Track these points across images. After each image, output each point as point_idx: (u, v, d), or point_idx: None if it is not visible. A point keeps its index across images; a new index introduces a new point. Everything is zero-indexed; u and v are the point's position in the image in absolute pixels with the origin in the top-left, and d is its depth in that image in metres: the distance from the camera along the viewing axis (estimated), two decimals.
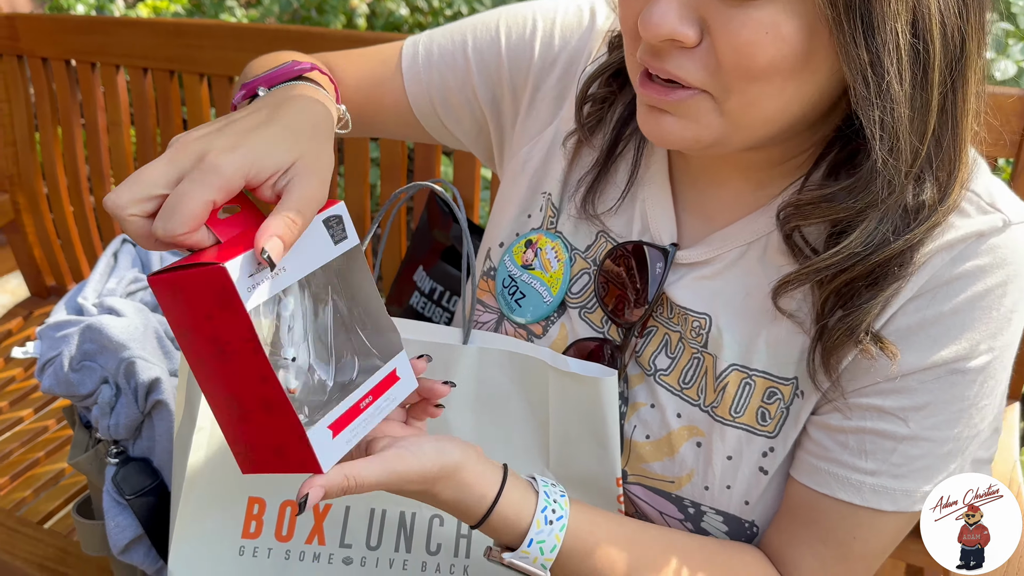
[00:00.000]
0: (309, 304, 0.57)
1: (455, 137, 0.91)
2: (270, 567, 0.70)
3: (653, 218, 0.74)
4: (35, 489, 1.34)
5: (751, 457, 0.70)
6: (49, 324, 1.03)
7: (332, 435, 0.55)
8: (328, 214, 0.56)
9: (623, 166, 0.77)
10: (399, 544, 0.71)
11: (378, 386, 0.59)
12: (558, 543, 0.64)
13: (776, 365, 0.69)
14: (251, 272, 0.50)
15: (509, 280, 0.80)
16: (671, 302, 0.73)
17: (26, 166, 1.66)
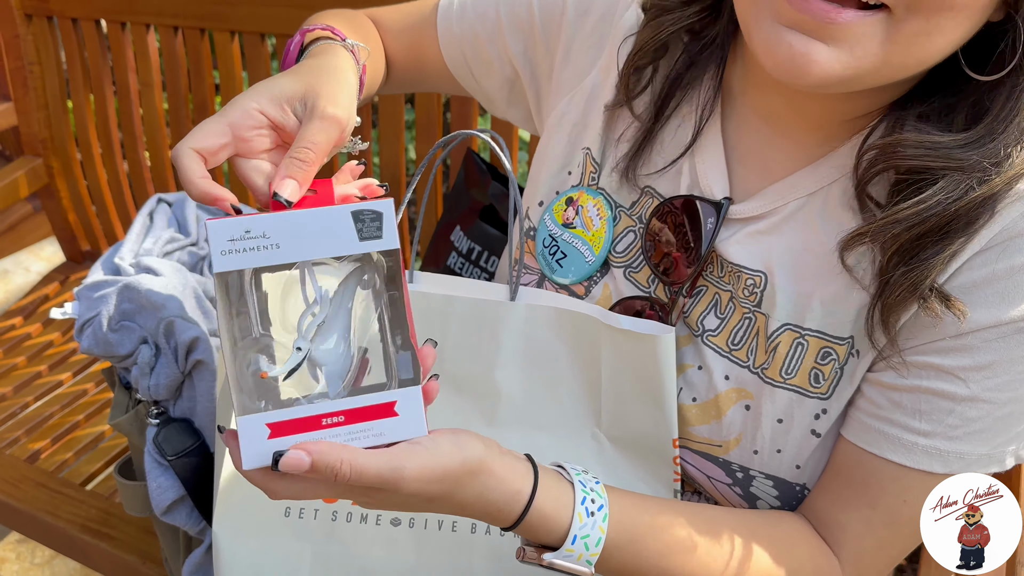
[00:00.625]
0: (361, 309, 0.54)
1: (487, 94, 0.89)
2: (317, 528, 0.68)
3: (704, 172, 0.71)
4: (76, 451, 1.35)
5: (803, 420, 0.67)
6: (87, 285, 1.02)
7: (268, 435, 0.50)
8: (363, 207, 0.52)
9: (672, 128, 0.74)
10: None
11: (358, 411, 0.52)
12: (603, 535, 0.60)
13: (831, 324, 0.66)
14: (232, 237, 0.49)
15: (550, 240, 0.77)
16: (723, 259, 0.70)
17: (59, 130, 1.65)
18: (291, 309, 0.52)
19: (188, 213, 1.10)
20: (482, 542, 0.69)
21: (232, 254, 0.48)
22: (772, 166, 0.69)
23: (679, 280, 0.70)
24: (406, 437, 0.52)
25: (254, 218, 0.50)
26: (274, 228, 0.49)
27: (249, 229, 0.49)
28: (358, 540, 0.68)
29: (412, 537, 0.69)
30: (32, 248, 2.46)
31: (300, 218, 0.50)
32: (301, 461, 0.49)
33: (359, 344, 0.53)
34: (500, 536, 0.69)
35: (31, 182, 1.67)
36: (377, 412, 0.52)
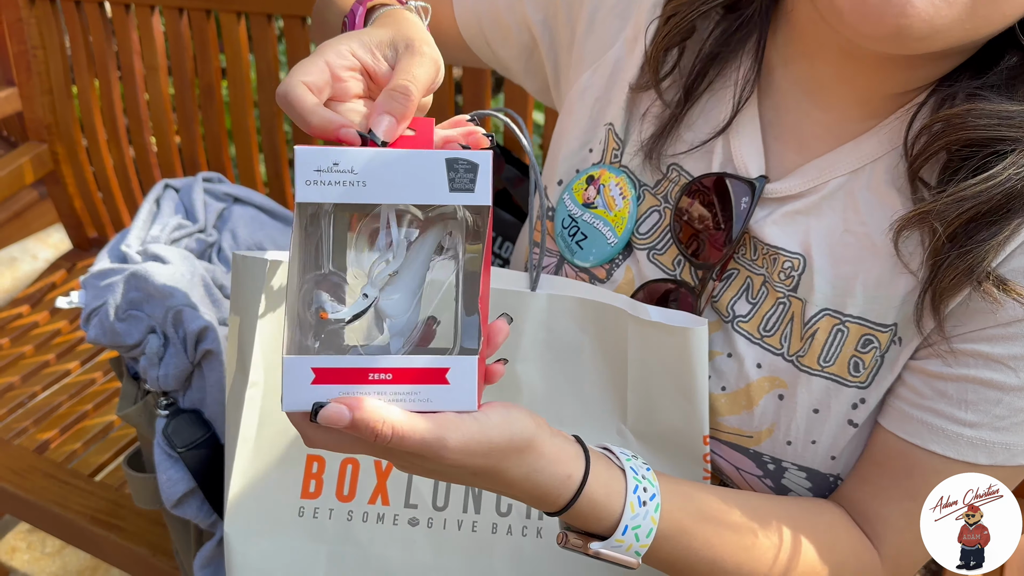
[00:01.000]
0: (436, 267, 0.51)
1: (503, 63, 0.85)
2: (332, 528, 0.66)
3: (738, 148, 0.67)
4: (85, 442, 1.33)
5: (839, 409, 0.64)
6: (93, 273, 0.99)
7: (312, 379, 0.48)
8: (459, 155, 0.48)
9: (701, 106, 0.70)
10: (467, 505, 0.67)
11: (407, 372, 0.48)
12: (654, 526, 0.57)
13: (874, 310, 0.63)
14: (319, 167, 0.46)
15: (569, 220, 0.74)
16: (757, 241, 0.66)
17: (63, 115, 1.62)
18: (366, 253, 0.50)
19: (195, 199, 1.08)
20: (503, 543, 0.66)
21: (316, 185, 0.46)
22: (810, 142, 0.66)
23: (710, 263, 0.67)
24: (454, 408, 0.49)
25: (345, 151, 0.47)
26: (363, 165, 0.47)
27: (338, 162, 0.46)
28: (375, 541, 0.66)
29: (430, 538, 0.66)
30: (39, 235, 2.44)
31: (391, 158, 0.47)
32: (341, 415, 0.46)
33: (428, 303, 0.51)
34: (522, 536, 0.67)
35: (36, 168, 1.64)
36: (427, 376, 0.49)
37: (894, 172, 0.62)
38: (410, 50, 0.54)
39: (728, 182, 0.66)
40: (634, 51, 0.73)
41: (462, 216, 0.50)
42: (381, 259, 0.50)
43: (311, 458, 0.67)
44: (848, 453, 0.66)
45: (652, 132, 0.71)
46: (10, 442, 1.33)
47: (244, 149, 1.48)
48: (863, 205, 0.63)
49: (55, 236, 2.48)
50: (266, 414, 0.66)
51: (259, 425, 0.66)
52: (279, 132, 1.43)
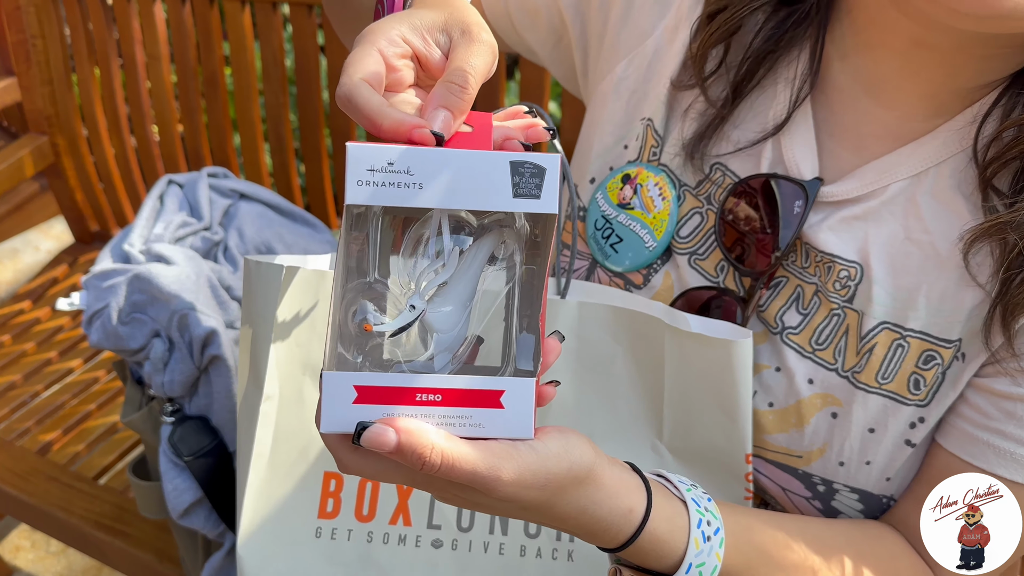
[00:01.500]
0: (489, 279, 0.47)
1: (528, 47, 0.80)
2: (351, 550, 0.62)
3: (790, 148, 0.63)
4: (89, 443, 1.29)
5: (896, 428, 0.60)
6: (95, 273, 0.96)
7: (354, 398, 0.43)
8: (525, 158, 0.44)
9: (750, 104, 0.66)
10: (493, 526, 0.63)
11: (458, 393, 0.44)
12: (719, 563, 0.52)
13: (937, 325, 0.58)
14: (372, 167, 0.42)
15: (603, 222, 0.70)
16: (810, 247, 0.62)
17: (64, 106, 1.58)
18: (413, 261, 0.45)
19: (200, 195, 1.03)
20: (532, 567, 0.63)
21: (367, 186, 0.41)
22: (869, 142, 0.62)
23: (757, 269, 0.63)
24: (507, 436, 0.45)
25: (401, 149, 0.42)
26: (420, 165, 0.42)
27: (392, 161, 0.42)
28: (396, 564, 0.62)
29: (455, 561, 0.63)
30: (41, 226, 2.41)
31: (451, 159, 0.43)
32: (387, 439, 0.42)
33: (479, 317, 0.47)
34: (552, 560, 0.63)
35: (37, 161, 1.60)
36: (480, 399, 0.44)
37: (961, 177, 0.58)
38: (467, 36, 0.48)
39: (774, 184, 0.62)
40: (674, 41, 0.68)
41: (521, 224, 0.46)
42: (430, 268, 0.46)
43: (328, 475, 0.63)
44: (903, 474, 0.62)
45: (695, 131, 0.66)
46: (12, 443, 1.29)
47: (249, 140, 1.44)
48: (927, 212, 0.59)
49: (57, 227, 2.44)
50: (282, 430, 0.62)
51: (274, 441, 0.63)
52: (285, 122, 1.39)
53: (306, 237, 1.05)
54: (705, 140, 0.66)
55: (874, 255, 0.60)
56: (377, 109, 0.44)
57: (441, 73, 0.48)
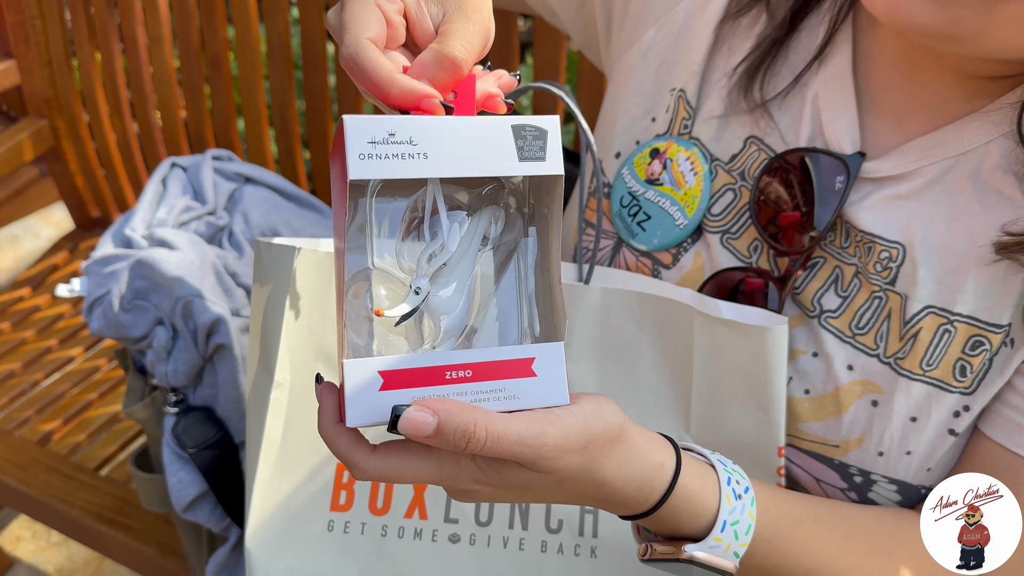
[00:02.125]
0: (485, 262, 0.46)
1: (550, 7, 0.77)
2: (365, 544, 0.60)
3: (830, 120, 0.60)
4: (89, 433, 1.27)
5: (940, 417, 0.58)
6: (95, 259, 0.93)
7: (380, 385, 0.41)
8: (526, 121, 0.43)
9: (801, 44, 0.62)
10: (513, 520, 0.61)
11: (489, 366, 0.43)
12: (752, 522, 0.50)
13: (986, 309, 0.56)
14: (373, 139, 0.40)
15: (629, 199, 0.66)
16: (850, 226, 0.59)
17: (64, 89, 1.54)
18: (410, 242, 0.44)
19: (204, 178, 1.00)
20: (553, 563, 0.60)
21: (370, 160, 0.40)
22: (909, 119, 0.59)
23: (795, 250, 0.59)
24: (544, 404, 0.43)
25: (401, 119, 0.41)
26: (424, 134, 0.41)
27: (394, 132, 0.40)
28: (412, 558, 0.60)
29: (473, 556, 0.60)
30: (41, 212, 2.37)
31: (454, 126, 0.41)
32: (426, 421, 0.40)
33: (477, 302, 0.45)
34: (575, 556, 0.60)
35: (36, 145, 1.57)
36: (512, 369, 0.43)
37: (1011, 157, 0.55)
38: (463, 13, 0.46)
39: (818, 159, 0.59)
40: (706, 8, 0.65)
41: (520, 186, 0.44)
42: (428, 248, 0.44)
43: (341, 467, 0.61)
44: (944, 464, 0.60)
45: (750, 64, 0.62)
46: (11, 433, 1.27)
47: (254, 124, 1.41)
48: (975, 192, 0.56)
49: (58, 214, 2.42)
50: (293, 418, 0.60)
51: (284, 430, 0.60)
52: (291, 107, 1.36)
53: (313, 222, 1.02)
54: (758, 79, 0.62)
55: (918, 236, 0.57)
56: (387, 76, 0.42)
57: (426, 43, 0.46)
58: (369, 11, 0.44)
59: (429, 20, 0.47)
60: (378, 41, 0.44)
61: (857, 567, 0.56)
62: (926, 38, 0.50)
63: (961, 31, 0.49)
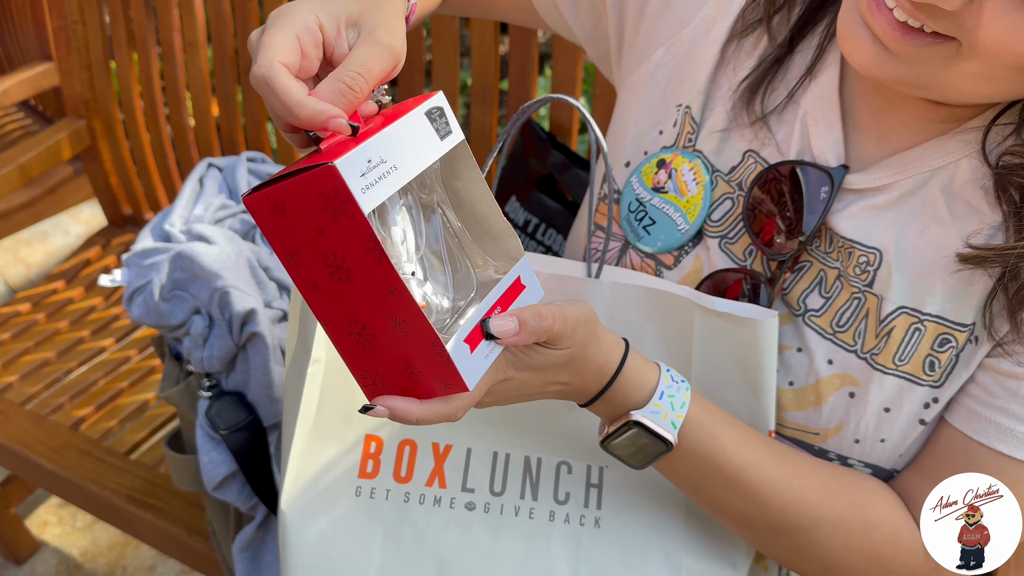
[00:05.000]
0: (417, 215, 0.52)
1: (567, 24, 0.82)
2: (389, 509, 0.65)
3: (817, 135, 0.65)
4: (120, 419, 1.33)
5: (911, 408, 0.63)
6: (136, 252, 0.99)
7: (469, 350, 0.49)
8: (429, 106, 0.49)
9: (796, 62, 0.67)
10: (524, 491, 0.66)
11: (504, 296, 0.53)
12: (687, 400, 0.59)
13: (953, 309, 0.61)
14: (363, 172, 0.44)
15: (637, 204, 0.72)
16: (833, 233, 0.64)
17: (102, 91, 1.61)
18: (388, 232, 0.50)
19: (239, 178, 1.06)
20: (561, 531, 0.65)
21: (370, 189, 0.44)
22: (888, 136, 0.64)
23: (782, 253, 0.65)
24: (533, 302, 0.55)
25: (363, 146, 0.44)
26: (384, 150, 0.45)
27: (369, 158, 0.44)
28: (431, 523, 0.65)
29: (487, 523, 0.65)
30: (71, 210, 2.45)
31: (397, 132, 0.47)
32: (511, 323, 0.51)
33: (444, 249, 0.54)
34: (580, 526, 0.65)
35: (74, 144, 1.64)
36: (514, 290, 0.54)
37: (979, 173, 0.60)
38: (371, 37, 0.50)
39: (799, 171, 0.64)
40: (711, 31, 0.70)
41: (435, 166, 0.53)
42: (398, 236, 0.51)
43: (369, 438, 0.66)
44: (914, 449, 0.65)
45: (752, 80, 0.68)
46: (46, 418, 1.33)
47: None
48: (947, 203, 0.61)
49: (86, 211, 2.49)
50: (327, 392, 0.65)
51: (319, 402, 0.65)
52: None
53: None
54: (760, 93, 0.67)
55: (894, 243, 0.62)
56: (296, 98, 0.46)
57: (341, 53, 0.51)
58: (287, 38, 0.48)
59: (346, 46, 0.51)
60: (291, 67, 0.47)
61: (786, 480, 0.61)
62: (897, 85, 0.57)
63: (927, 81, 0.55)
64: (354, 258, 0.45)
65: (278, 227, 0.46)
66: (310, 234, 0.45)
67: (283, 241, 0.46)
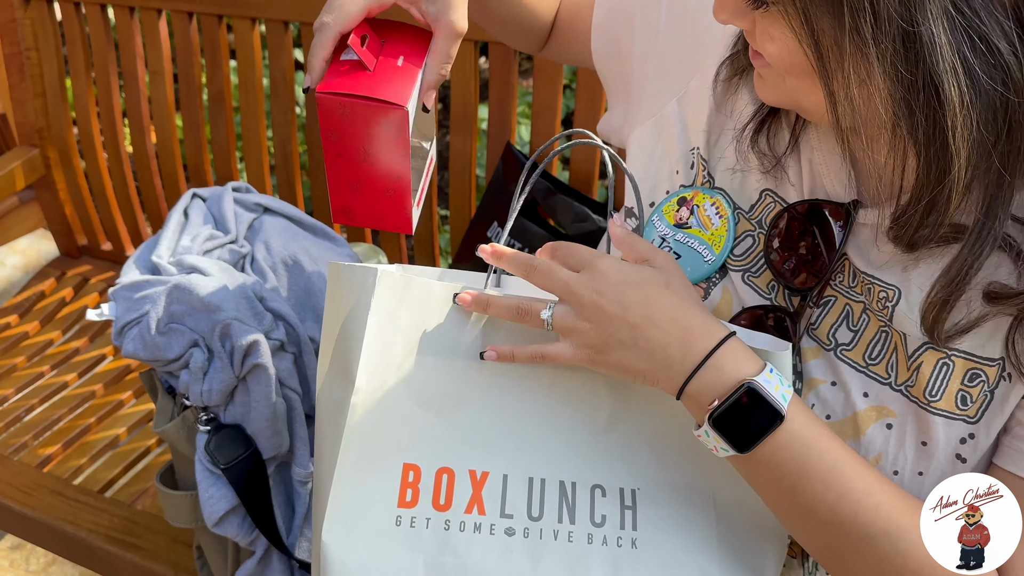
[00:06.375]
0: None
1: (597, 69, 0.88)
2: (430, 538, 0.65)
3: (827, 173, 0.67)
4: (91, 456, 1.29)
5: (948, 443, 0.63)
6: (124, 285, 0.97)
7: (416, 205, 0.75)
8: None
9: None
10: (562, 515, 0.67)
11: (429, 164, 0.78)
12: (791, 385, 0.60)
13: (980, 346, 0.62)
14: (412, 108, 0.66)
15: (660, 241, 0.74)
16: (854, 268, 0.66)
17: (56, 119, 1.57)
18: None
19: (225, 209, 1.05)
20: (599, 553, 0.66)
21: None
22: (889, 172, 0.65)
23: (806, 287, 0.67)
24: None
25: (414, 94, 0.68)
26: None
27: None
28: (472, 550, 0.65)
29: (527, 547, 0.66)
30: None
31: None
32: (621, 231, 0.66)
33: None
34: (618, 547, 0.66)
35: (27, 173, 1.59)
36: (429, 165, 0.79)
37: None
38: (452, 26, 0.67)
39: (821, 208, 0.66)
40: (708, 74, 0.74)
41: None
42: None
43: (407, 467, 0.66)
44: None
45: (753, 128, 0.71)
46: (10, 458, 1.28)
47: (254, 158, 1.46)
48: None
49: (23, 242, 2.40)
50: (367, 421, 0.65)
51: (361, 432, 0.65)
52: (293, 141, 1.41)
53: (329, 251, 1.07)
54: (765, 134, 0.70)
55: (913, 281, 0.63)
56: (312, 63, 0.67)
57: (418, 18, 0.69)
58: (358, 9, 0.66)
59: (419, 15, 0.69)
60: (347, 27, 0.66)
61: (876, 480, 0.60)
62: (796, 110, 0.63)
63: (794, 103, 0.61)
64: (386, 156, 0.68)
65: (337, 120, 0.65)
66: (363, 133, 0.66)
67: (335, 128, 0.66)
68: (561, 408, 0.68)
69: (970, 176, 0.55)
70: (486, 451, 0.67)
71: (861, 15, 0.51)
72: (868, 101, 0.55)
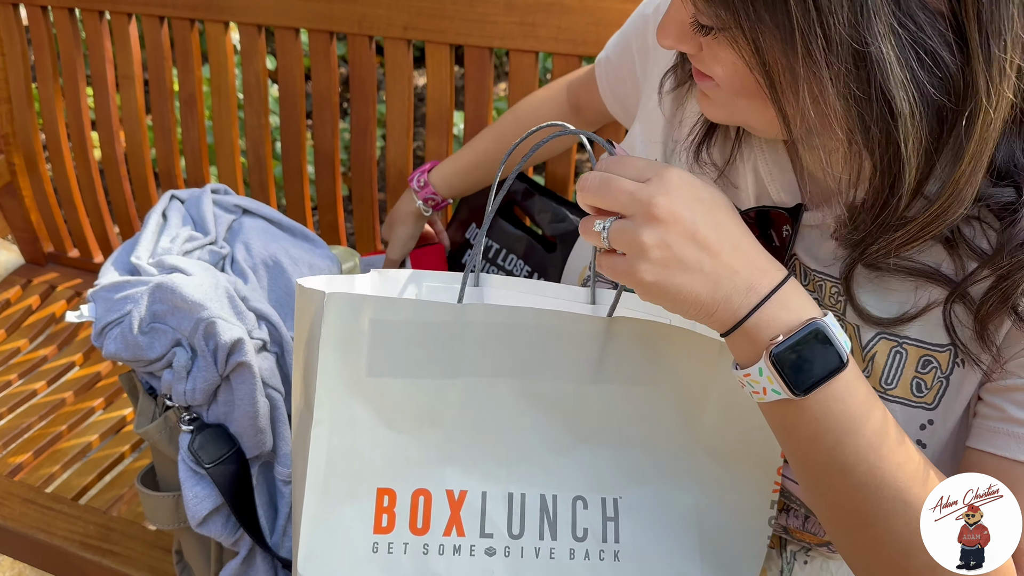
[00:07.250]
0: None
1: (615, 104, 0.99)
2: (409, 563, 0.64)
3: (771, 181, 0.69)
4: (63, 464, 1.27)
5: (908, 430, 0.64)
6: (104, 286, 0.96)
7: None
8: None
9: None
10: (543, 531, 0.66)
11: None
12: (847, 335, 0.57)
13: (928, 332, 0.63)
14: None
15: None
16: (804, 267, 0.68)
17: (22, 125, 1.55)
18: None
19: (205, 210, 1.05)
20: (582, 568, 0.66)
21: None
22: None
23: None
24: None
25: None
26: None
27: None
28: (453, 572, 0.64)
29: (509, 567, 0.65)
30: None
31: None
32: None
33: None
34: (600, 560, 0.66)
35: None
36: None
37: None
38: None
39: (768, 213, 0.67)
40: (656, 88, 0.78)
41: None
42: None
43: (381, 492, 0.65)
44: None
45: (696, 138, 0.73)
46: None
47: (227, 163, 1.45)
48: None
49: None
50: (334, 452, 0.64)
51: (327, 464, 0.64)
52: (266, 146, 1.41)
53: (309, 252, 1.07)
54: (706, 147, 0.72)
55: (860, 274, 0.64)
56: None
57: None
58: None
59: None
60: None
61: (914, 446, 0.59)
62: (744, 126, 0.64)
63: (743, 121, 0.63)
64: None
65: None
66: None
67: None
68: (540, 418, 0.67)
69: (920, 180, 0.57)
70: (463, 469, 0.66)
71: (813, 40, 0.51)
72: (822, 118, 0.55)
